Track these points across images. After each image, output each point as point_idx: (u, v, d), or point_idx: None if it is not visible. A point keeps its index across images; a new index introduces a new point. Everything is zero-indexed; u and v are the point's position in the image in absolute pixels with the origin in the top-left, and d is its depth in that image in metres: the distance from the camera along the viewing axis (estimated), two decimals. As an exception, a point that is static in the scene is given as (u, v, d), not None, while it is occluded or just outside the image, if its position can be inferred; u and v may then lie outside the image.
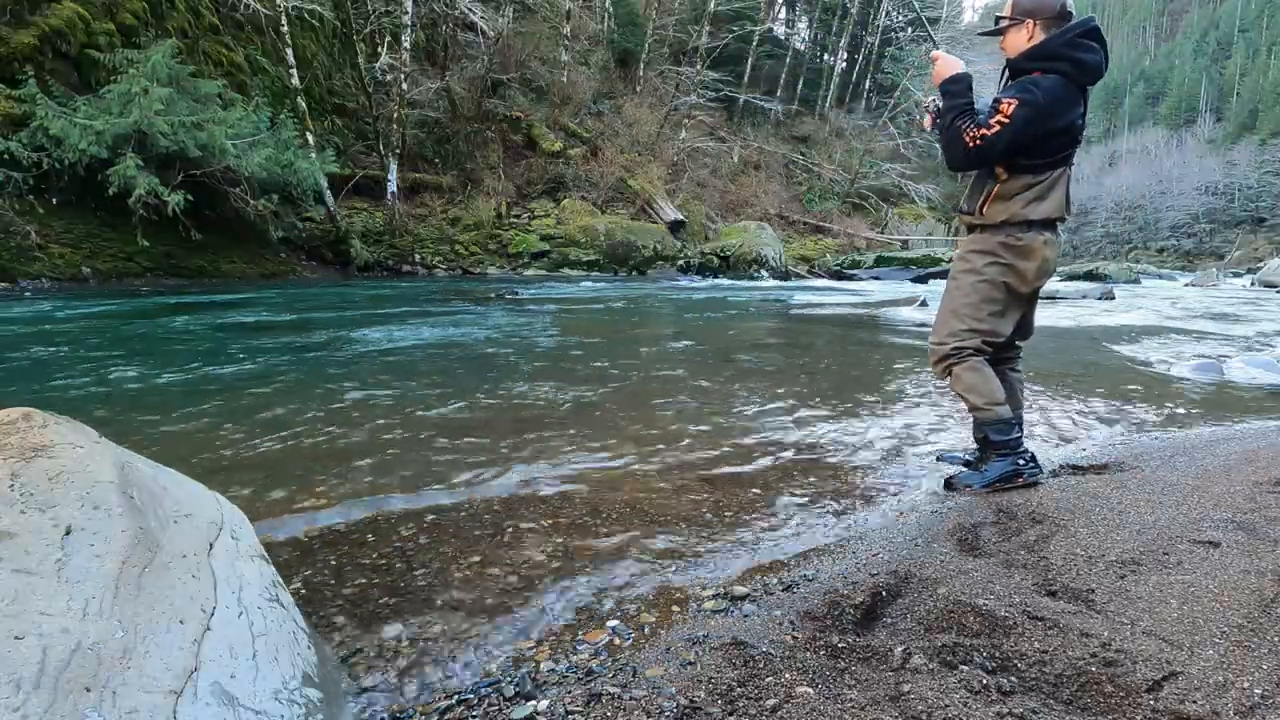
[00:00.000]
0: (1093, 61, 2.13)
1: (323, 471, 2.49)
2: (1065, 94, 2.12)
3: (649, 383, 4.20)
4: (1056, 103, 2.11)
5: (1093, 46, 2.13)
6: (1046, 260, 2.26)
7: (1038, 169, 2.20)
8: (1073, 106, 2.14)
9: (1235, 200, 57.10)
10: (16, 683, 0.80)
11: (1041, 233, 2.24)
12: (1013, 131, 2.10)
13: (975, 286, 2.31)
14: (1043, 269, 2.27)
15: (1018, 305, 2.34)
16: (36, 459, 1.03)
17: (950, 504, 2.23)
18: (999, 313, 2.30)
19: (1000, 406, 2.29)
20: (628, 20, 23.95)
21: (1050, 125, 2.13)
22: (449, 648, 1.42)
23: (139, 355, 4.81)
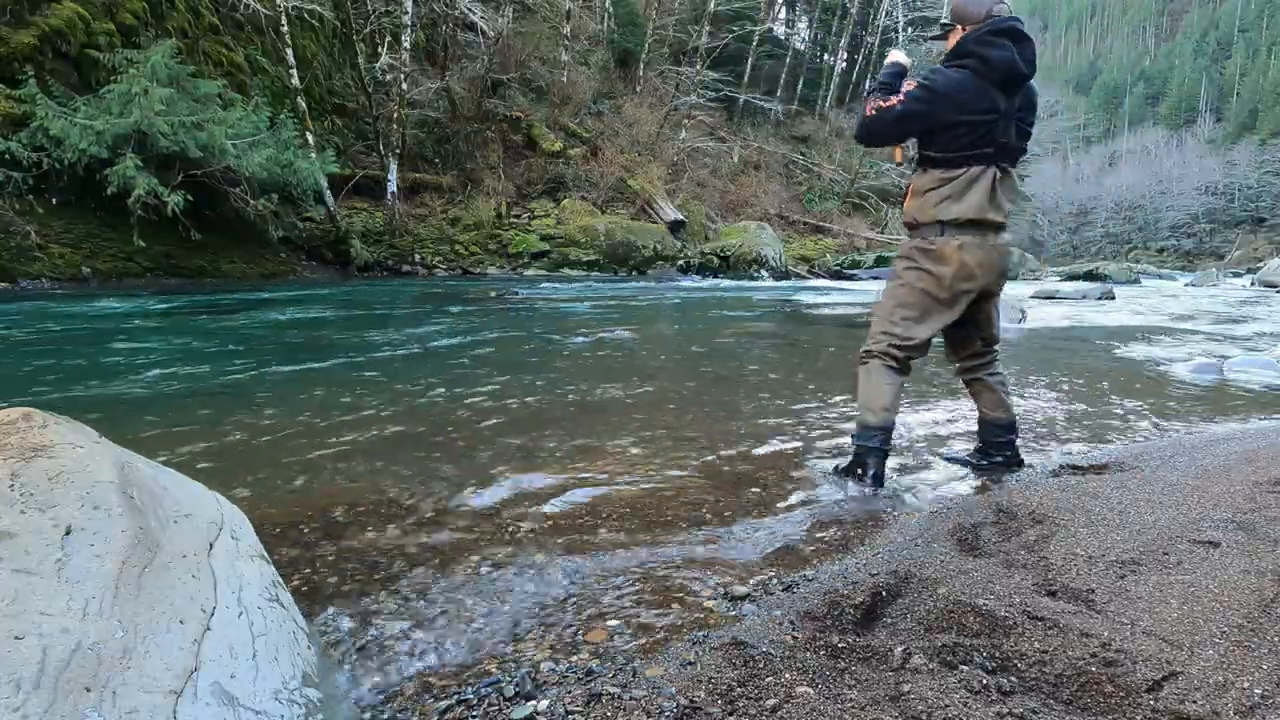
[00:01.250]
0: (999, 58, 2.11)
1: (322, 470, 2.49)
2: (968, 86, 2.12)
3: (649, 383, 4.20)
4: (956, 93, 2.12)
5: (1002, 44, 2.11)
6: (965, 265, 2.21)
7: (949, 164, 2.19)
8: (979, 100, 2.12)
9: (1235, 200, 57.11)
10: (16, 683, 0.80)
11: (956, 236, 2.20)
12: (903, 109, 2.15)
13: (893, 291, 2.34)
14: (963, 274, 2.22)
15: (938, 311, 2.29)
16: (36, 459, 1.02)
17: (950, 504, 2.24)
18: (914, 318, 2.29)
19: (871, 414, 2.32)
20: (628, 20, 23.94)
21: (949, 115, 2.13)
22: (449, 647, 1.42)
23: (138, 355, 4.81)
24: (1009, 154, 2.21)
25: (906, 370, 2.37)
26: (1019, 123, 2.20)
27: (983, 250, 2.21)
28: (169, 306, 7.68)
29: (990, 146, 2.17)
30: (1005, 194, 2.22)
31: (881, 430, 2.32)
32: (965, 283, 2.24)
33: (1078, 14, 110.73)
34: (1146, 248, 58.77)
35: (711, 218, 20.62)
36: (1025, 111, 2.21)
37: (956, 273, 2.21)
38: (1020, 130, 2.21)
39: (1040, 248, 53.95)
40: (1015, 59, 2.11)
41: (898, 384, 2.34)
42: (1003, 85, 2.13)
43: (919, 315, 2.29)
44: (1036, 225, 59.33)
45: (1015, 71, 2.12)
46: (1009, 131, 2.18)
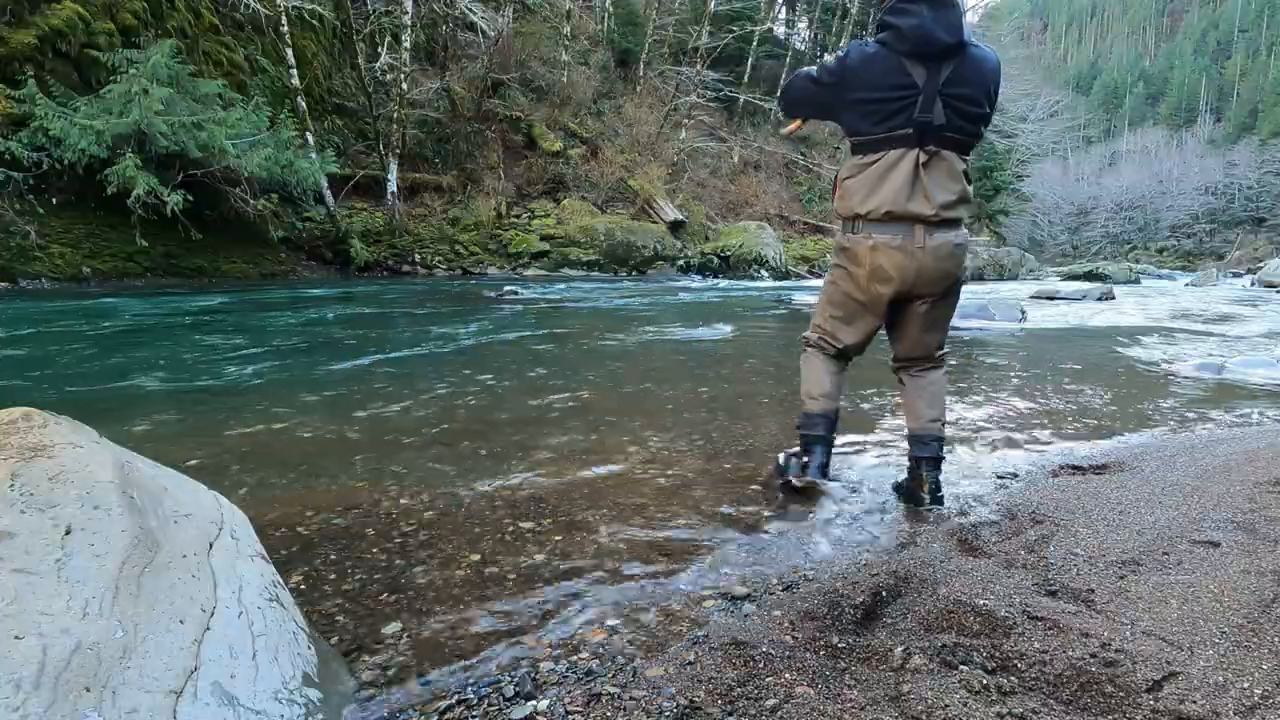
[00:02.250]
0: (908, 25, 1.86)
1: (322, 470, 2.49)
2: (877, 61, 1.91)
3: (649, 383, 4.20)
4: (865, 67, 1.91)
5: (913, 9, 1.86)
6: (879, 268, 1.98)
7: (865, 148, 1.97)
8: (890, 75, 1.90)
9: (1235, 200, 57.10)
10: (16, 683, 0.80)
11: (871, 235, 1.97)
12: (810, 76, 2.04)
13: (825, 287, 2.23)
14: (876, 276, 2.00)
15: (863, 313, 2.11)
16: (36, 459, 1.03)
17: (950, 504, 2.23)
18: (841, 318, 2.16)
19: (812, 400, 2.22)
20: (628, 20, 23.93)
21: (857, 91, 1.93)
22: (449, 646, 1.42)
23: (136, 355, 4.80)
24: (936, 135, 1.91)
25: (845, 360, 2.25)
26: (952, 100, 1.90)
27: (903, 251, 1.95)
28: (168, 306, 7.68)
29: (909, 127, 1.90)
30: (936, 182, 1.92)
31: (823, 417, 2.20)
32: (880, 285, 2.02)
33: (1078, 14, 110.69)
34: (1146, 248, 58.75)
35: (711, 218, 20.62)
36: (960, 87, 1.90)
37: (870, 274, 2.01)
38: (957, 110, 1.91)
39: (1040, 248, 53.96)
40: (928, 26, 1.85)
41: (837, 371, 2.23)
42: (919, 57, 1.88)
43: (845, 317, 2.15)
44: (1036, 225, 59.35)
45: (930, 40, 1.86)
46: (932, 108, 1.89)
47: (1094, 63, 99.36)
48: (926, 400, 2.20)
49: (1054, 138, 50.69)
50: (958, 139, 1.94)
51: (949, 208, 1.94)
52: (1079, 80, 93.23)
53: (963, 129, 1.94)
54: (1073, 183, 68.34)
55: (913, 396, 2.22)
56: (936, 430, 2.20)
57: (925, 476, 2.20)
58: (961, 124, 1.93)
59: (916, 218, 1.94)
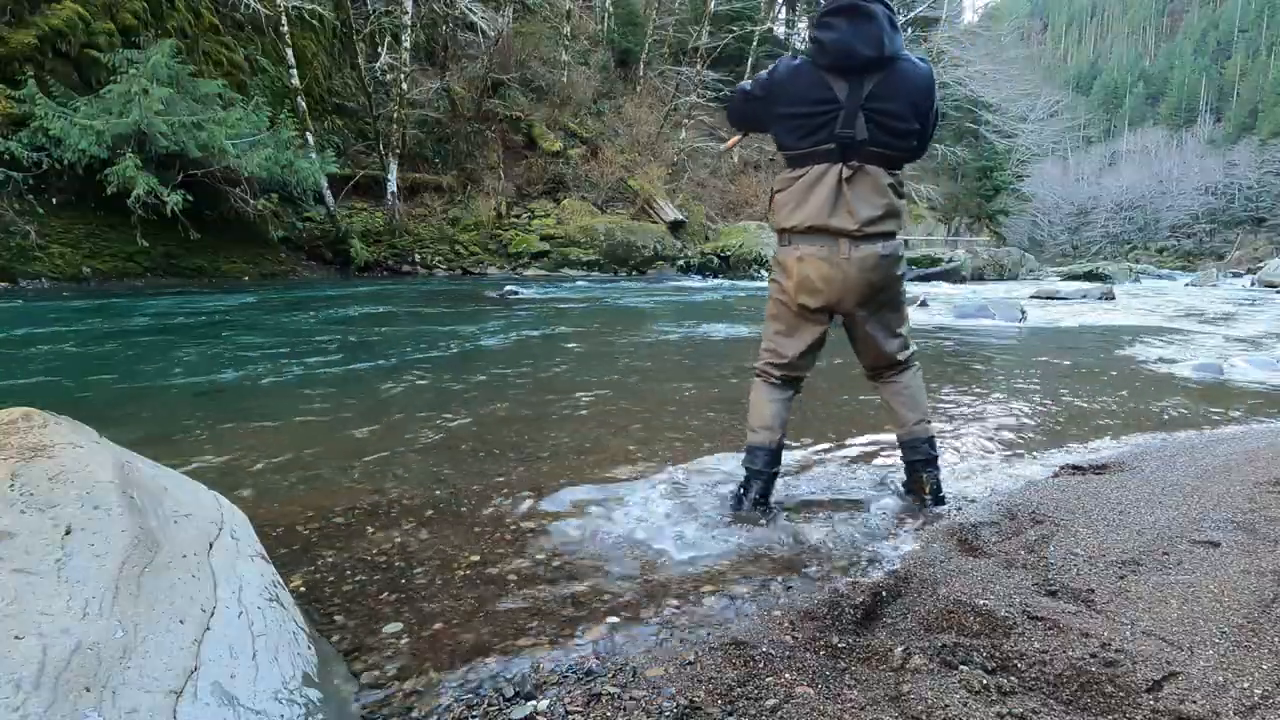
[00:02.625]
0: (829, 40, 1.86)
1: (322, 470, 2.49)
2: (801, 75, 1.92)
3: (649, 383, 4.20)
4: (790, 81, 1.93)
5: (833, 24, 1.86)
6: (806, 279, 1.99)
7: (792, 162, 1.98)
8: (812, 89, 1.90)
9: (1235, 200, 57.10)
10: (16, 683, 0.80)
11: (797, 246, 1.99)
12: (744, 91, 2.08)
13: (768, 302, 2.19)
14: (804, 287, 2.01)
15: (803, 324, 2.10)
16: (36, 459, 1.03)
17: (950, 504, 2.23)
18: (783, 331, 2.14)
19: (753, 433, 2.17)
20: (628, 20, 23.93)
21: (782, 106, 1.95)
22: (449, 646, 1.42)
23: (135, 355, 4.81)
24: (859, 150, 1.90)
25: (794, 388, 2.21)
26: (876, 115, 1.88)
27: (830, 263, 1.95)
28: (167, 306, 7.68)
29: (831, 142, 1.90)
30: (859, 197, 1.92)
31: (763, 450, 2.15)
32: (808, 297, 2.02)
33: (1078, 14, 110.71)
34: (1146, 248, 58.74)
35: (711, 218, 20.62)
36: (885, 102, 1.88)
37: (797, 285, 2.02)
38: (881, 125, 1.89)
39: (1040, 248, 53.97)
40: (847, 39, 1.84)
41: (781, 401, 2.17)
42: (840, 71, 1.88)
43: (785, 330, 2.14)
44: (1036, 225, 59.34)
45: (849, 53, 1.85)
46: (854, 123, 1.88)
47: (1094, 63, 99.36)
48: (905, 405, 2.19)
49: (1054, 138, 50.66)
50: (883, 154, 1.93)
51: (872, 223, 1.94)
52: (1079, 80, 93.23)
53: (888, 144, 1.92)
54: (1073, 183, 68.33)
55: (892, 403, 2.22)
56: (923, 432, 2.19)
57: (924, 478, 2.21)
58: (886, 139, 1.92)
59: (839, 232, 1.94)
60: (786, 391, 2.19)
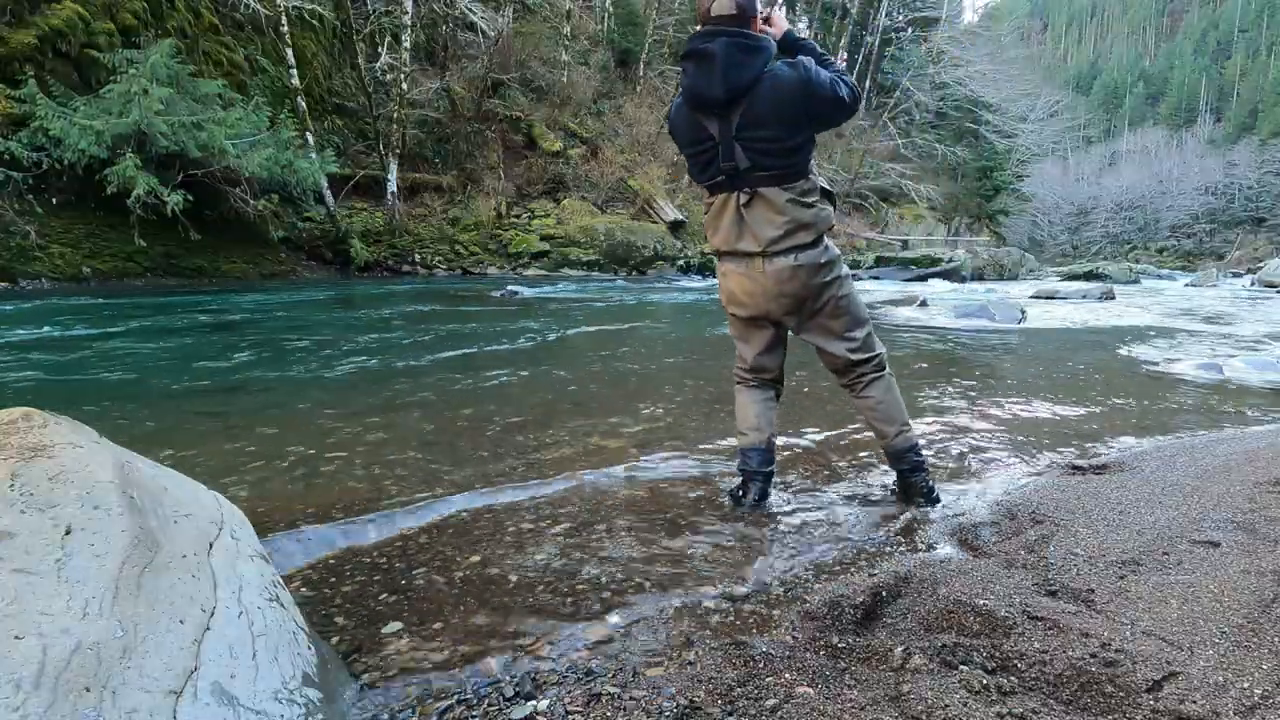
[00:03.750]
0: (686, 84, 1.92)
1: (322, 470, 2.49)
2: (680, 116, 1.99)
3: (649, 383, 4.20)
4: (673, 124, 2.04)
5: (685, 68, 1.92)
6: (730, 291, 2.09)
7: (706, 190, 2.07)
8: (689, 130, 1.97)
9: (1235, 200, 57.09)
10: (16, 683, 0.80)
11: (722, 262, 2.10)
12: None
13: None
14: (730, 299, 2.11)
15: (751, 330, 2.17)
16: (36, 459, 1.03)
17: (950, 504, 2.23)
18: (739, 336, 2.23)
19: (741, 435, 2.23)
20: (628, 20, 23.93)
21: (678, 142, 2.05)
22: (449, 647, 1.42)
23: (136, 355, 4.81)
24: (746, 178, 1.93)
25: (768, 388, 2.25)
26: (753, 143, 1.89)
27: (749, 277, 2.02)
28: (167, 306, 7.68)
29: (720, 175, 1.97)
30: (759, 219, 1.95)
31: (754, 451, 2.20)
32: (736, 308, 2.12)
33: (1078, 14, 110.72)
34: (1146, 248, 58.73)
35: (711, 218, 20.58)
36: (758, 129, 1.88)
37: (727, 298, 2.14)
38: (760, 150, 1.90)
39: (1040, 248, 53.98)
40: (697, 85, 1.89)
41: (762, 402, 2.22)
42: (703, 110, 1.92)
43: (739, 335, 2.23)
44: (1036, 225, 59.34)
45: (701, 99, 1.90)
46: (733, 155, 1.91)
47: (1094, 63, 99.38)
48: (881, 419, 2.18)
49: (1054, 138, 50.67)
50: (771, 175, 1.93)
51: (776, 241, 1.96)
52: (1079, 80, 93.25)
53: (771, 166, 1.92)
54: (1073, 183, 68.33)
55: (868, 419, 2.22)
56: (904, 442, 2.19)
57: (915, 484, 2.22)
58: (769, 162, 1.91)
59: (746, 254, 2.01)
60: (766, 392, 2.25)
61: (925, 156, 29.93)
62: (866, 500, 2.29)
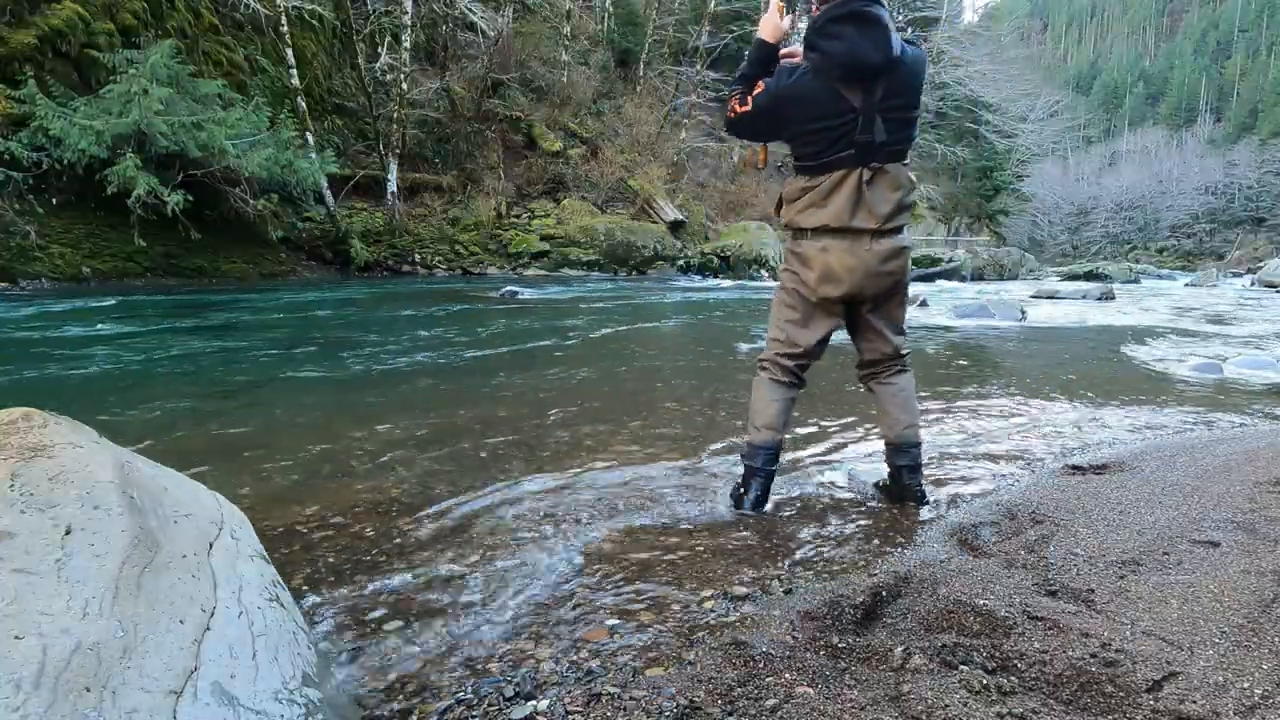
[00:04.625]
0: (835, 50, 1.82)
1: (323, 470, 2.49)
2: (808, 87, 1.89)
3: (648, 383, 4.20)
4: (797, 95, 1.91)
5: (838, 32, 1.82)
6: (829, 268, 2.01)
7: (810, 171, 1.99)
8: (825, 102, 1.89)
9: (1235, 200, 57.09)
10: (16, 683, 0.80)
11: (818, 239, 2.01)
12: (753, 116, 1.98)
13: (777, 294, 2.18)
14: (826, 277, 2.02)
15: (819, 315, 2.11)
16: (36, 459, 1.02)
17: (950, 504, 2.23)
18: (795, 321, 2.13)
19: (756, 431, 2.16)
20: (628, 20, 23.93)
21: (796, 123, 1.93)
22: (449, 647, 1.42)
23: (136, 356, 4.81)
24: (877, 152, 1.93)
25: (799, 383, 2.20)
26: (890, 114, 1.91)
27: (852, 254, 1.99)
28: (167, 306, 7.68)
29: (850, 149, 1.91)
30: (879, 196, 1.96)
31: (764, 449, 2.16)
32: (831, 287, 2.04)
33: (1078, 14, 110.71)
34: (1146, 248, 58.72)
35: (711, 218, 20.62)
36: (896, 99, 1.90)
37: (822, 275, 2.03)
38: (896, 122, 1.93)
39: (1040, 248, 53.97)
40: (855, 50, 1.82)
41: (785, 399, 2.17)
42: (851, 81, 1.87)
43: (802, 319, 2.13)
44: (1036, 225, 59.32)
45: (859, 64, 1.83)
46: (872, 128, 1.89)
47: (1094, 63, 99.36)
48: (900, 406, 2.19)
49: (1054, 138, 50.68)
50: (898, 150, 1.96)
51: (890, 218, 1.98)
52: (1079, 80, 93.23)
53: (902, 140, 1.96)
54: (1073, 183, 68.31)
55: (886, 404, 2.21)
56: (913, 436, 2.20)
57: (908, 482, 2.22)
58: (900, 135, 1.96)
59: (860, 230, 1.98)
60: (791, 391, 2.19)
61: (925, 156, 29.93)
62: (866, 500, 2.28)
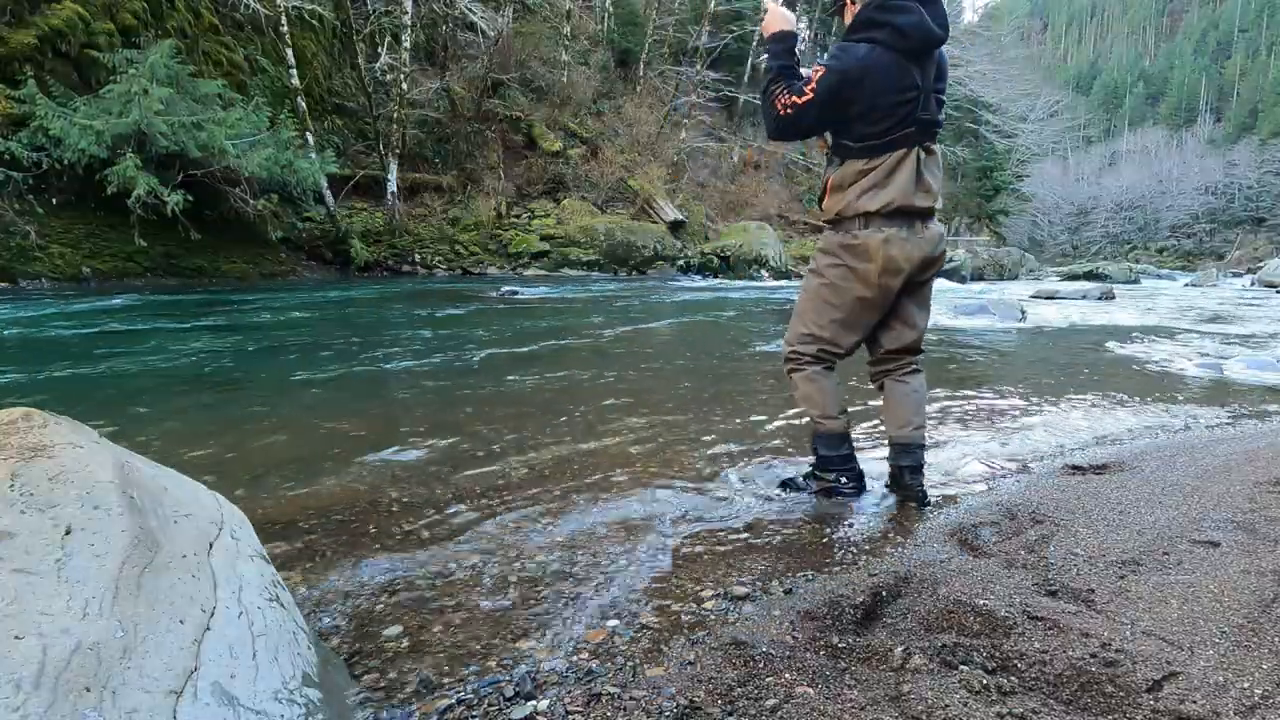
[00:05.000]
0: (910, 23, 1.87)
1: (322, 470, 2.49)
2: (881, 62, 1.89)
3: (649, 383, 4.20)
4: (869, 71, 1.88)
5: (907, 6, 1.88)
6: (892, 259, 2.00)
7: (869, 153, 1.96)
8: (897, 77, 1.90)
9: (1235, 200, 57.09)
10: (16, 683, 0.80)
11: (881, 229, 1.99)
12: (819, 102, 1.90)
13: (817, 290, 2.12)
14: (889, 268, 2.01)
15: (867, 311, 2.10)
16: (36, 459, 1.02)
17: (950, 504, 2.23)
18: (841, 320, 2.10)
19: (832, 420, 2.15)
20: (628, 20, 23.92)
21: (867, 100, 1.90)
22: (449, 647, 1.42)
23: (136, 356, 4.80)
24: (930, 131, 1.98)
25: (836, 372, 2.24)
26: (936, 94, 1.98)
27: (910, 242, 2.01)
28: (167, 306, 7.68)
29: (912, 125, 1.94)
30: (934, 175, 2.01)
31: (843, 437, 2.19)
32: (892, 278, 2.04)
33: (1078, 14, 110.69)
34: (1146, 248, 58.71)
35: (711, 218, 20.61)
36: (940, 80, 2.00)
37: (884, 268, 2.01)
38: (940, 103, 2.01)
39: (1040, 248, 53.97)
40: (927, 23, 1.87)
41: (837, 384, 2.20)
42: (918, 55, 1.91)
43: (846, 317, 2.10)
44: (1036, 225, 59.31)
45: (931, 36, 1.89)
46: (929, 105, 1.96)
47: (1094, 63, 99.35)
48: (912, 407, 2.19)
49: (1054, 138, 50.69)
50: (937, 129, 2.03)
51: (939, 198, 2.07)
52: (1079, 80, 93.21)
53: (940, 120, 2.03)
54: (1073, 183, 68.30)
55: (898, 402, 2.21)
56: (920, 437, 2.21)
57: (910, 483, 2.22)
58: (940, 115, 2.02)
59: (919, 210, 2.01)
60: (835, 374, 2.24)
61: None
62: (866, 500, 2.28)
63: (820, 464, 2.25)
